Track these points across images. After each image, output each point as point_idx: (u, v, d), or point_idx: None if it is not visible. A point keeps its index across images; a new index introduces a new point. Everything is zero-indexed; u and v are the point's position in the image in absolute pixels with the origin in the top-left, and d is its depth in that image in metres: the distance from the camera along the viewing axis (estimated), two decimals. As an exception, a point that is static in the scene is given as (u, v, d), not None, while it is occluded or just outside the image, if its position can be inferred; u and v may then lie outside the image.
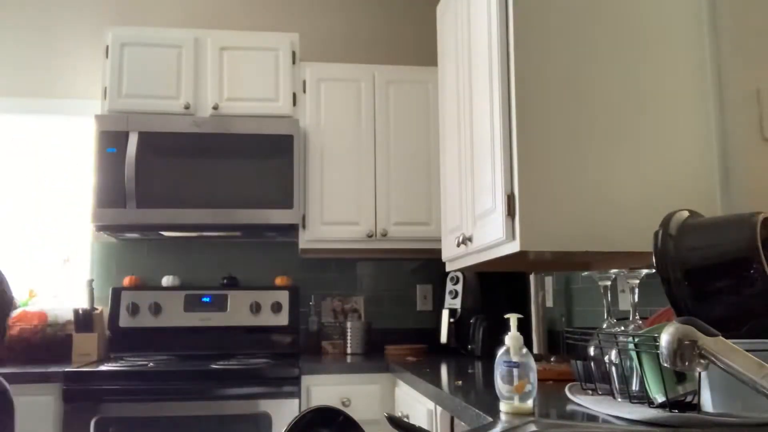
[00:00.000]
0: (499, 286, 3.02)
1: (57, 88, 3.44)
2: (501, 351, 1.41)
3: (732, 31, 1.73)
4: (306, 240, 3.14)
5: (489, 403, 1.49)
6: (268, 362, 2.82)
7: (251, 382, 2.66)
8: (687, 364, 0.86)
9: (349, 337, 3.29)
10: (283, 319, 3.28)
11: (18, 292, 3.28)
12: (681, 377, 1.23)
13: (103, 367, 2.72)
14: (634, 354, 1.29)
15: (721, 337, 0.86)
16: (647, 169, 1.70)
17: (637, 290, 1.76)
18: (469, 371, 2.44)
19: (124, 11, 3.53)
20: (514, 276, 2.99)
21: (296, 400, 2.67)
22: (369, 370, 2.78)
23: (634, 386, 1.34)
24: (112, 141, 2.97)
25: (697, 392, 1.21)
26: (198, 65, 3.16)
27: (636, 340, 1.29)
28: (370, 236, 3.18)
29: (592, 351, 1.49)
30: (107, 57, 3.11)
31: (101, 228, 3.04)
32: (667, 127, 1.72)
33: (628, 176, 1.69)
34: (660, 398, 1.25)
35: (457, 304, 3.09)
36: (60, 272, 3.40)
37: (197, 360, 2.96)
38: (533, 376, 1.39)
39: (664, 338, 0.88)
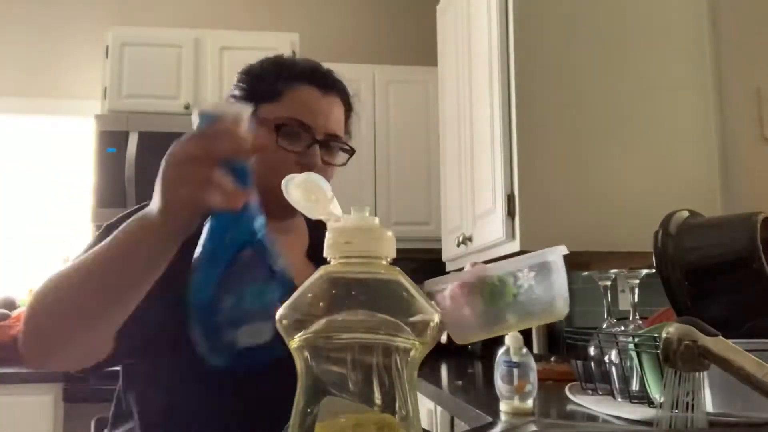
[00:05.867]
0: (499, 286, 3.01)
1: (57, 88, 3.43)
2: (501, 351, 1.41)
3: (732, 31, 1.73)
4: (306, 240, 3.13)
5: (489, 403, 1.49)
6: (268, 362, 2.82)
7: (251, 382, 2.65)
8: (687, 364, 0.86)
9: (349, 337, 3.28)
10: (283, 319, 3.27)
11: (18, 292, 3.27)
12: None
13: (103, 367, 2.71)
14: (634, 354, 1.29)
15: (721, 337, 0.86)
16: (647, 169, 1.70)
17: (637, 290, 1.76)
18: (469, 371, 2.44)
19: (124, 11, 3.53)
20: (514, 276, 2.98)
21: (296, 400, 2.66)
22: (369, 370, 2.77)
23: (634, 386, 1.34)
24: (112, 141, 2.97)
25: (697, 392, 1.21)
26: (198, 65, 3.16)
27: (636, 340, 1.29)
28: (370, 236, 3.18)
29: (592, 351, 1.49)
30: (107, 57, 3.11)
31: (101, 228, 3.03)
32: (667, 127, 1.72)
33: (627, 176, 1.69)
34: (660, 398, 1.25)
35: (457, 304, 3.08)
36: (60, 272, 3.39)
37: (197, 360, 2.95)
38: (533, 376, 1.39)
39: (665, 338, 0.88)
